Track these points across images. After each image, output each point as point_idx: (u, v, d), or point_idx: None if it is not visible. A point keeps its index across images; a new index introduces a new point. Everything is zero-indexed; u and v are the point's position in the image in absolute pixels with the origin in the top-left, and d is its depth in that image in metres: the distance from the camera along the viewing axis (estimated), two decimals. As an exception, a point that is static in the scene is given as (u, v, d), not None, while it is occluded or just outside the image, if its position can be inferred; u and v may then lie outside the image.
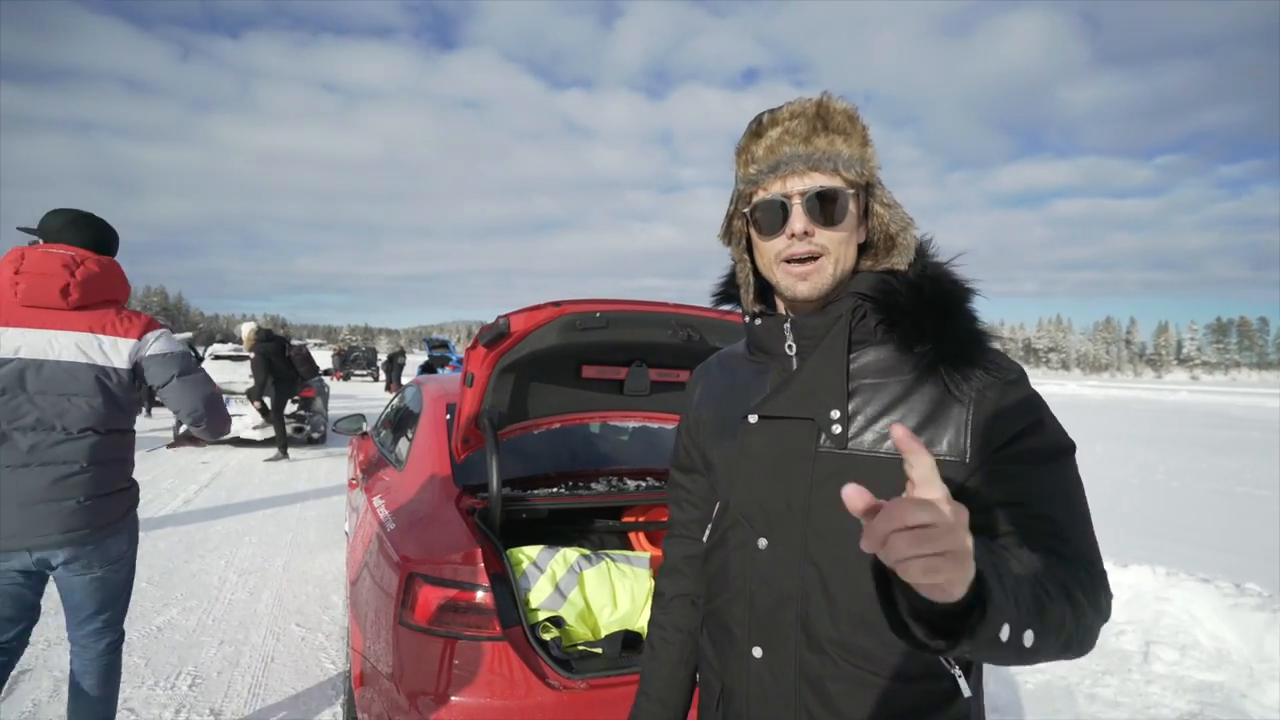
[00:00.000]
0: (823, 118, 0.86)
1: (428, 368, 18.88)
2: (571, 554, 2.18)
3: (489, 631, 1.84)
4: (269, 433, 8.78)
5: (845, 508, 0.86)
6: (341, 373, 29.10)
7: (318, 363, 9.81)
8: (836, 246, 0.88)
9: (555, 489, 2.60)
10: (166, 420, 10.11)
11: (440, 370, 18.37)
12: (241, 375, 9.25)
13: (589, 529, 2.79)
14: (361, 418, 4.28)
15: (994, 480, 0.82)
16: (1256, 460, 11.15)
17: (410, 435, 2.91)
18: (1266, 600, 3.60)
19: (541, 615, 2.04)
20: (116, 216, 2.18)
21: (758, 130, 0.90)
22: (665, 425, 2.91)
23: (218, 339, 17.87)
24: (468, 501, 2.24)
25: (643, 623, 2.11)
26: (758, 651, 0.91)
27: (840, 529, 0.86)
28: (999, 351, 0.87)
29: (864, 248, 0.94)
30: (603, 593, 2.14)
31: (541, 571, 2.11)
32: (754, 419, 0.94)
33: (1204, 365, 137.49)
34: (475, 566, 1.90)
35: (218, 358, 10.81)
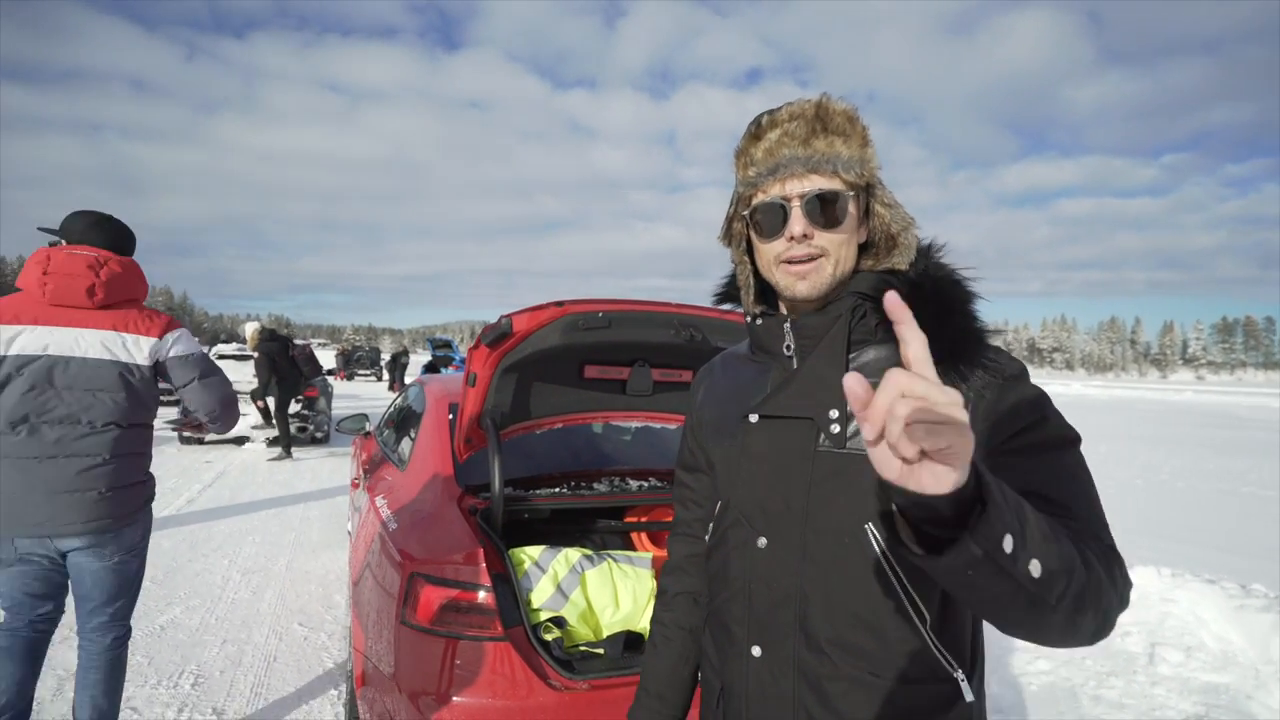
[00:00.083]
0: (822, 119, 0.86)
1: (431, 367, 18.90)
2: (573, 554, 2.18)
3: (491, 632, 1.84)
4: (272, 432, 8.81)
5: (844, 507, 0.86)
6: (345, 372, 29.12)
7: (321, 362, 9.84)
8: (836, 248, 0.88)
9: (557, 489, 2.60)
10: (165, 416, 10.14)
11: (443, 370, 18.39)
12: (245, 375, 9.27)
13: (591, 529, 2.79)
14: (365, 417, 4.29)
15: (997, 472, 0.80)
16: (1262, 461, 11.09)
17: (413, 435, 2.91)
18: (1272, 602, 3.58)
19: (543, 615, 2.04)
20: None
21: (756, 133, 0.90)
22: (668, 425, 2.90)
23: (222, 339, 17.92)
24: (470, 501, 2.24)
25: (645, 623, 2.11)
26: (757, 651, 0.91)
27: (839, 528, 0.86)
28: (999, 349, 0.86)
29: (865, 247, 0.93)
30: (605, 593, 2.13)
31: (543, 571, 2.11)
32: (754, 418, 0.94)
33: (1209, 365, 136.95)
34: (477, 566, 1.90)
35: (222, 357, 10.86)
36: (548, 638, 1.99)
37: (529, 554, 2.14)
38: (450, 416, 2.71)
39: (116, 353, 2.02)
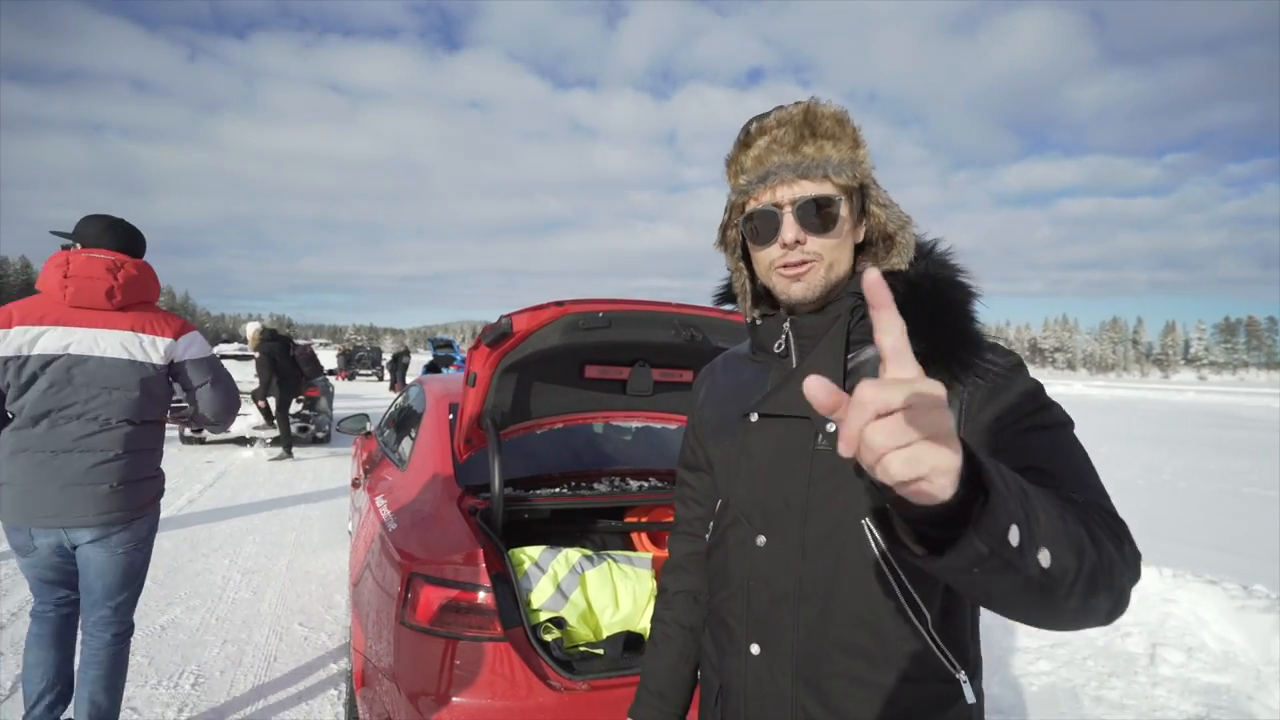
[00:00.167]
0: (810, 124, 0.86)
1: (432, 367, 18.91)
2: (573, 554, 2.18)
3: (490, 632, 1.83)
4: (273, 433, 8.82)
5: (842, 505, 0.86)
6: (346, 372, 29.15)
7: (322, 362, 9.85)
8: (830, 252, 0.88)
9: (557, 489, 2.59)
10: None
11: (445, 370, 18.40)
12: (246, 375, 9.28)
13: (591, 529, 2.78)
14: (365, 417, 4.29)
15: (995, 454, 0.78)
16: (1264, 461, 11.07)
17: (413, 435, 2.91)
18: (1274, 602, 3.58)
19: (543, 616, 2.03)
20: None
21: (746, 140, 0.90)
22: (668, 425, 2.90)
23: (223, 339, 17.94)
24: (470, 501, 2.24)
25: (645, 624, 2.10)
26: (755, 649, 0.92)
27: (837, 526, 0.86)
28: (994, 345, 0.86)
29: (864, 247, 0.94)
30: (604, 593, 2.13)
31: (543, 572, 2.11)
32: (754, 417, 0.94)
33: (1211, 365, 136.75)
34: (477, 567, 1.90)
35: (223, 357, 10.84)
36: (547, 638, 1.98)
37: (529, 554, 2.14)
38: (450, 416, 2.71)
39: (134, 353, 2.11)
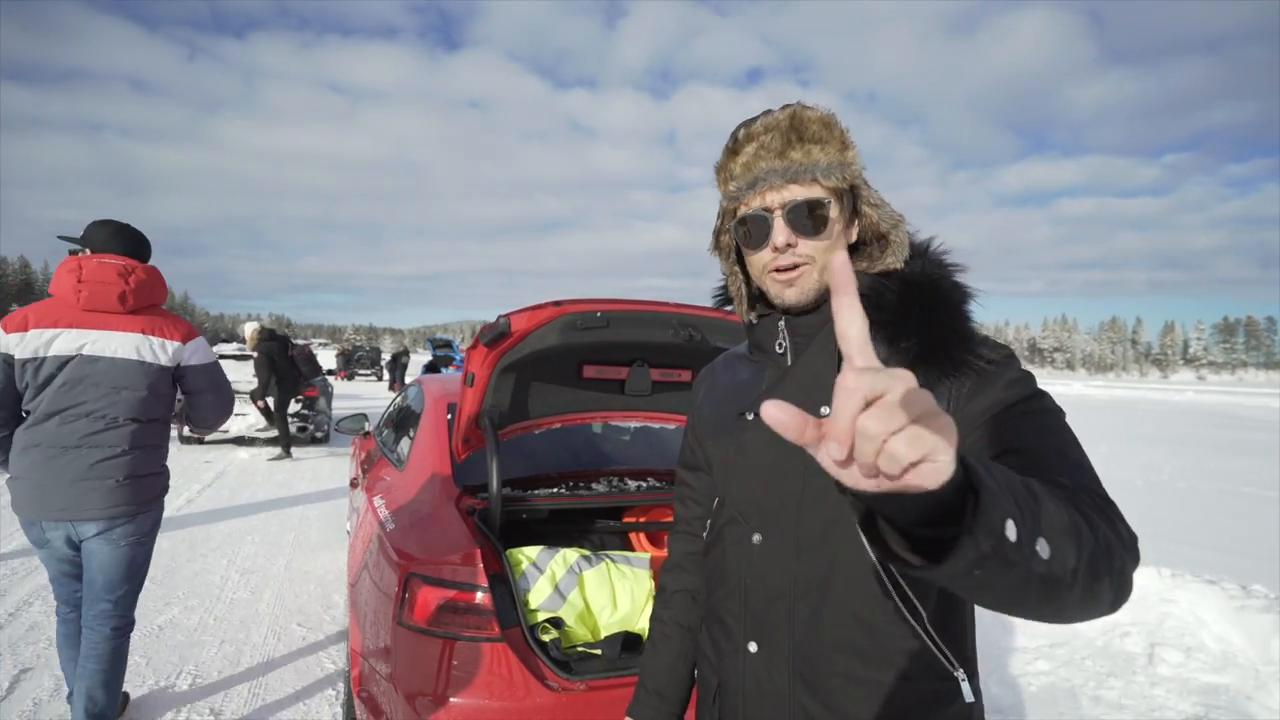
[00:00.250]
0: (797, 129, 0.87)
1: (431, 367, 18.88)
2: (571, 555, 2.17)
3: (488, 632, 1.83)
4: (271, 432, 8.81)
5: (837, 503, 0.86)
6: (345, 372, 29.14)
7: (321, 362, 9.83)
8: (822, 254, 0.88)
9: (555, 489, 2.59)
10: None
11: (444, 370, 18.38)
12: (245, 375, 9.27)
13: (589, 529, 2.78)
14: (364, 417, 4.29)
15: (980, 439, 0.77)
16: (1263, 461, 11.07)
17: (411, 435, 2.90)
18: (1273, 602, 3.58)
19: (541, 616, 2.03)
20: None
21: (734, 147, 0.91)
22: (666, 425, 2.90)
23: (221, 339, 17.93)
24: (468, 501, 2.24)
25: (643, 624, 2.10)
26: (753, 646, 0.92)
27: (833, 525, 0.86)
28: (985, 339, 0.85)
29: (857, 247, 0.94)
30: (602, 594, 2.13)
31: (541, 572, 2.10)
32: (750, 416, 0.95)
33: (1210, 365, 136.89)
34: (474, 567, 1.89)
35: (222, 357, 10.83)
36: (545, 638, 1.98)
37: (527, 554, 2.14)
38: (449, 416, 2.70)
39: (144, 354, 2.20)
